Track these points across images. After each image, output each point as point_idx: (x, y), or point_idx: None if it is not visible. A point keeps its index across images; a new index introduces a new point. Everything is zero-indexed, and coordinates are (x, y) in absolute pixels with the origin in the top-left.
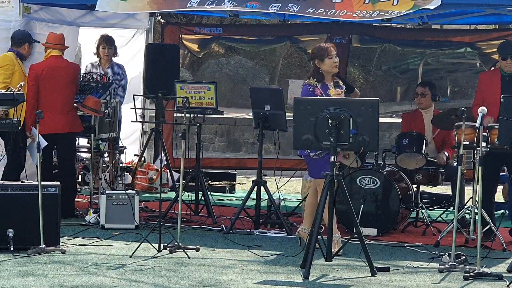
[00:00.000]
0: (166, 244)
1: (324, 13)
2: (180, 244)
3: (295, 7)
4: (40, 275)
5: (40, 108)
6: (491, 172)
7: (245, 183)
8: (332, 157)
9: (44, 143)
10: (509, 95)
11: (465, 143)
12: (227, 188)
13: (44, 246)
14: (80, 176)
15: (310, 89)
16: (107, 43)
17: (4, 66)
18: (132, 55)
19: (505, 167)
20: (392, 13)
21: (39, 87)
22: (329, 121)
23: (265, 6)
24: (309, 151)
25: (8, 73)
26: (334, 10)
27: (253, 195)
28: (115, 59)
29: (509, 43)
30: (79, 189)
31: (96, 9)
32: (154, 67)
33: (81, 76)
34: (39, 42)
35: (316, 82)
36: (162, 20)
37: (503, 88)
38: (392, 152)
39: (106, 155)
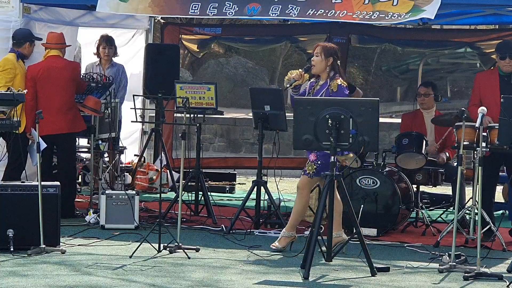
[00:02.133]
0: (166, 244)
1: (324, 14)
2: (180, 244)
3: (295, 9)
4: (40, 275)
5: (38, 109)
6: (490, 172)
7: (245, 183)
8: (332, 157)
9: (43, 145)
10: (508, 95)
11: (465, 143)
12: (227, 188)
13: (44, 246)
14: (80, 176)
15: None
16: (107, 43)
17: (5, 70)
18: (132, 55)
19: (505, 168)
20: (392, 17)
21: (36, 88)
22: (329, 121)
23: (265, 9)
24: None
25: (9, 76)
26: (334, 11)
27: (253, 195)
28: (115, 59)
29: (507, 43)
30: (79, 189)
31: (96, 10)
32: (154, 67)
33: (81, 76)
34: (40, 39)
35: (314, 79)
36: (162, 21)
37: (502, 88)
38: (392, 152)
39: (106, 155)
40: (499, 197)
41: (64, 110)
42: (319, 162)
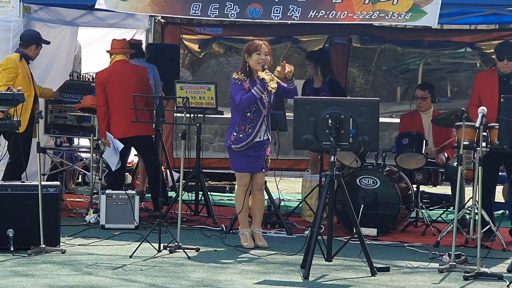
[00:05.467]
0: (166, 244)
1: (326, 16)
2: (180, 244)
3: (296, 10)
4: (40, 275)
5: (111, 113)
6: (490, 172)
7: None
8: (332, 157)
9: (120, 145)
10: (507, 95)
11: (465, 143)
12: (227, 188)
13: (44, 246)
14: (80, 176)
15: (238, 83)
16: None
17: (7, 69)
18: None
19: (504, 167)
20: (392, 16)
21: (106, 93)
22: (329, 121)
23: (267, 11)
24: (230, 142)
25: (11, 75)
26: (334, 12)
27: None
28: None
29: (506, 44)
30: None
31: (95, 7)
32: None
33: (82, 76)
34: (48, 43)
35: (244, 77)
36: (163, 20)
37: (501, 88)
38: (392, 152)
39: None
40: (499, 197)
41: (132, 113)
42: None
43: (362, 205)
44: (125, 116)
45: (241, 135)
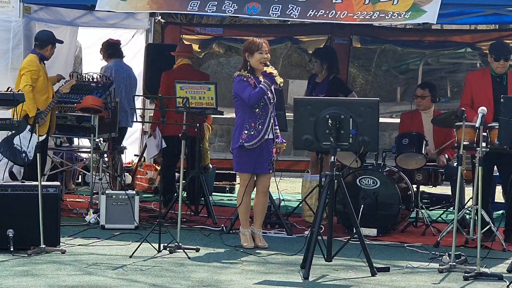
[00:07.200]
0: (166, 244)
1: (325, 15)
2: (180, 244)
3: (295, 9)
4: (40, 275)
5: (169, 112)
6: (486, 172)
7: None
8: (332, 157)
9: (163, 145)
10: (501, 95)
11: (465, 143)
12: (227, 188)
13: (44, 246)
14: (80, 176)
15: (244, 79)
16: None
17: (31, 71)
18: (132, 55)
19: (497, 168)
20: (392, 16)
21: (169, 93)
22: (329, 121)
23: (266, 9)
24: (242, 141)
25: (34, 77)
26: (334, 11)
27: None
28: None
29: (502, 44)
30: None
31: (96, 9)
32: (154, 67)
33: (82, 76)
34: (62, 42)
35: (247, 74)
36: (163, 20)
37: (494, 88)
38: (392, 152)
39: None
40: (499, 197)
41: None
42: None
43: (362, 205)
44: (176, 116)
45: (252, 132)
